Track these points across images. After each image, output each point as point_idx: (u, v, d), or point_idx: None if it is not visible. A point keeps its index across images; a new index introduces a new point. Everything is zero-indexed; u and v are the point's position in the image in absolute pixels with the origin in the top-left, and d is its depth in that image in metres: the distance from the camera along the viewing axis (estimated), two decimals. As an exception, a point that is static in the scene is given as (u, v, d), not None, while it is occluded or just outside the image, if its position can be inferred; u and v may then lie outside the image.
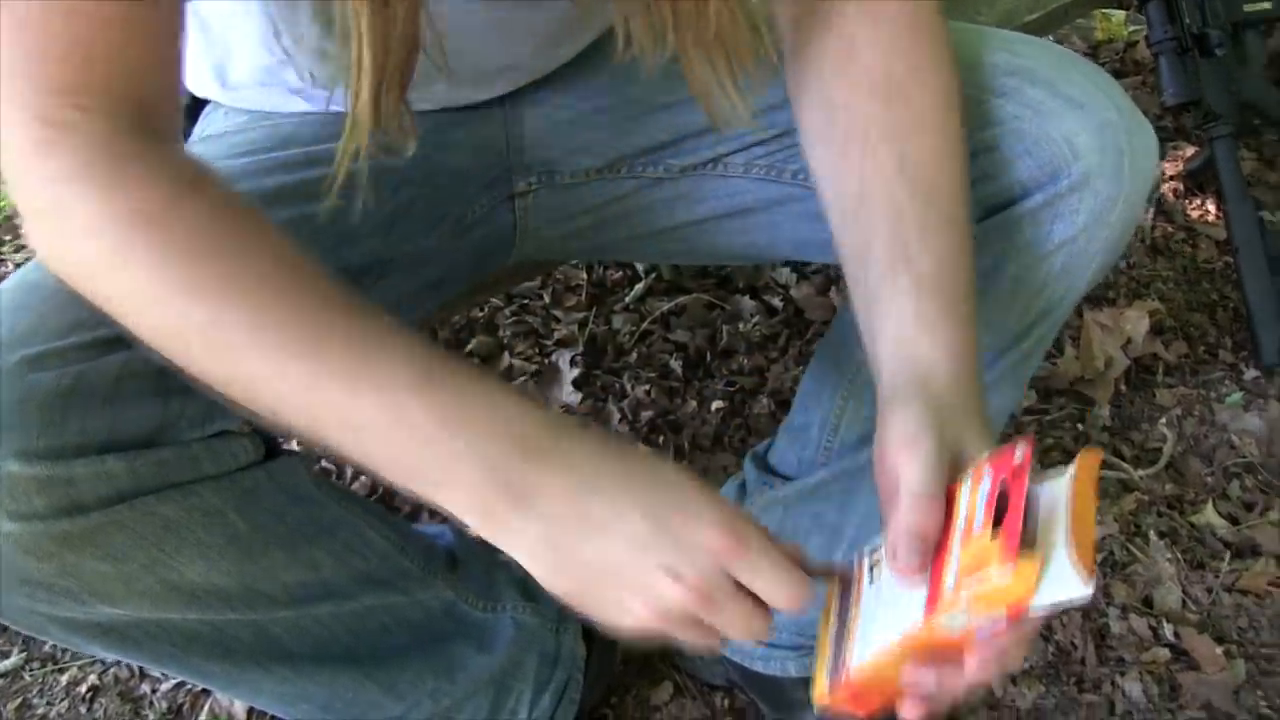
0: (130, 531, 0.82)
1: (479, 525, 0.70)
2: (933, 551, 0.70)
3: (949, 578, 0.66)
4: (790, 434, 1.26)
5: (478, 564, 1.21)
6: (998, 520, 0.65)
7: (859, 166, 0.89)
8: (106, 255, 0.71)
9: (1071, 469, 0.67)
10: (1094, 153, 0.98)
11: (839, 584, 0.79)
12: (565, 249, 1.31)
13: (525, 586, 1.33)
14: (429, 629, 1.15)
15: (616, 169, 1.14)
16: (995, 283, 1.03)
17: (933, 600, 0.67)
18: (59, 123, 0.70)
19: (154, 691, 1.63)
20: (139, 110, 0.73)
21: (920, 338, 0.81)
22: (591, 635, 1.45)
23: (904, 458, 0.73)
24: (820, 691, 0.75)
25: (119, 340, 0.77)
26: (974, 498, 0.68)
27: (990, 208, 1.01)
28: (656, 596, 0.69)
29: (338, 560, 1.00)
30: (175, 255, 0.71)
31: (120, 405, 0.79)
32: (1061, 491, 0.66)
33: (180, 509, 0.84)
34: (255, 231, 0.75)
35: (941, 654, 0.69)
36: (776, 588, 0.71)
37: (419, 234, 1.06)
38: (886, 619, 0.71)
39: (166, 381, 0.78)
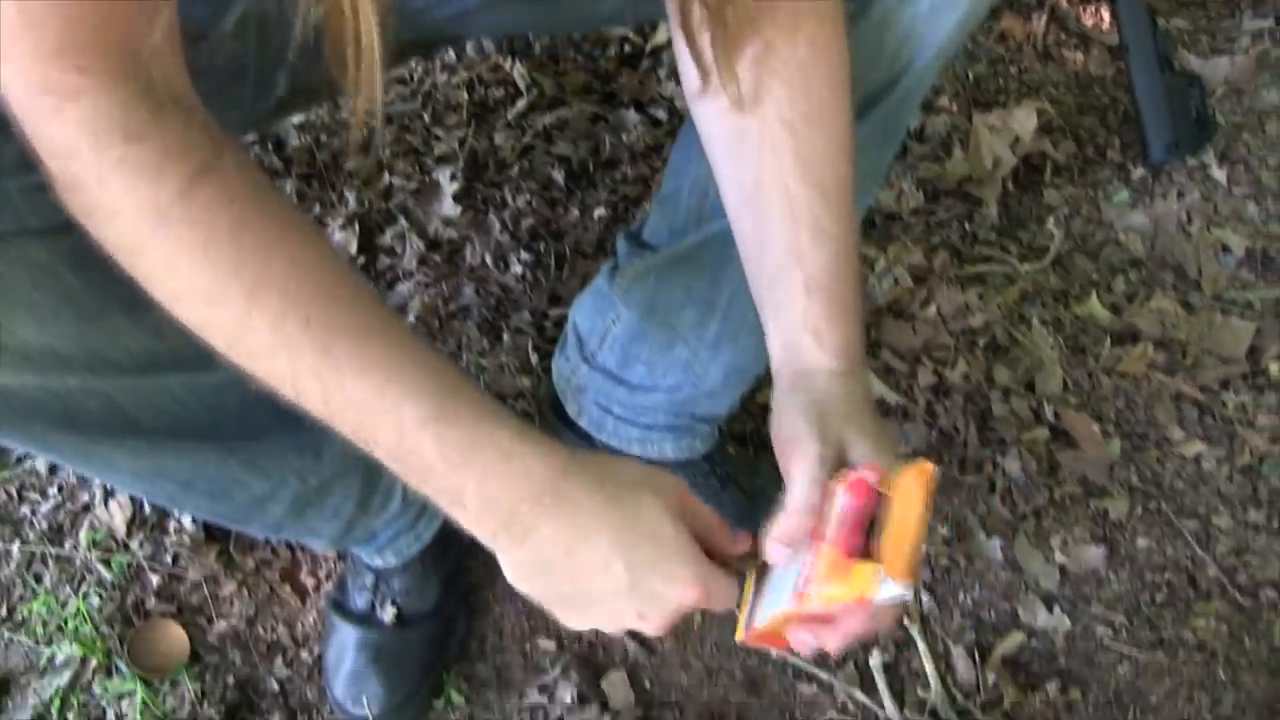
0: None
1: (475, 536, 0.74)
2: (801, 547, 0.80)
3: (806, 581, 0.79)
4: (661, 204, 1.22)
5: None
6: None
7: (757, 152, 0.88)
8: (122, 242, 0.67)
9: (896, 485, 0.78)
10: None
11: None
12: (433, 25, 1.25)
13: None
14: (293, 405, 1.11)
15: None
16: (862, 27, 0.99)
17: (799, 592, 0.79)
18: (61, 90, 0.63)
19: (33, 513, 1.59)
20: (142, 66, 0.65)
21: (806, 340, 0.86)
22: (469, 428, 1.43)
23: (791, 463, 0.81)
24: (739, 633, 0.88)
25: None
26: (835, 505, 0.78)
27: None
28: (620, 625, 0.78)
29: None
30: (190, 257, 0.66)
31: None
32: (891, 508, 0.78)
33: (3, 262, 0.79)
34: (273, 222, 0.69)
35: (819, 619, 0.81)
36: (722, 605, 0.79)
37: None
38: (777, 593, 0.83)
39: None
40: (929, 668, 1.36)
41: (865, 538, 0.78)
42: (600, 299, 1.30)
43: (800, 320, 0.86)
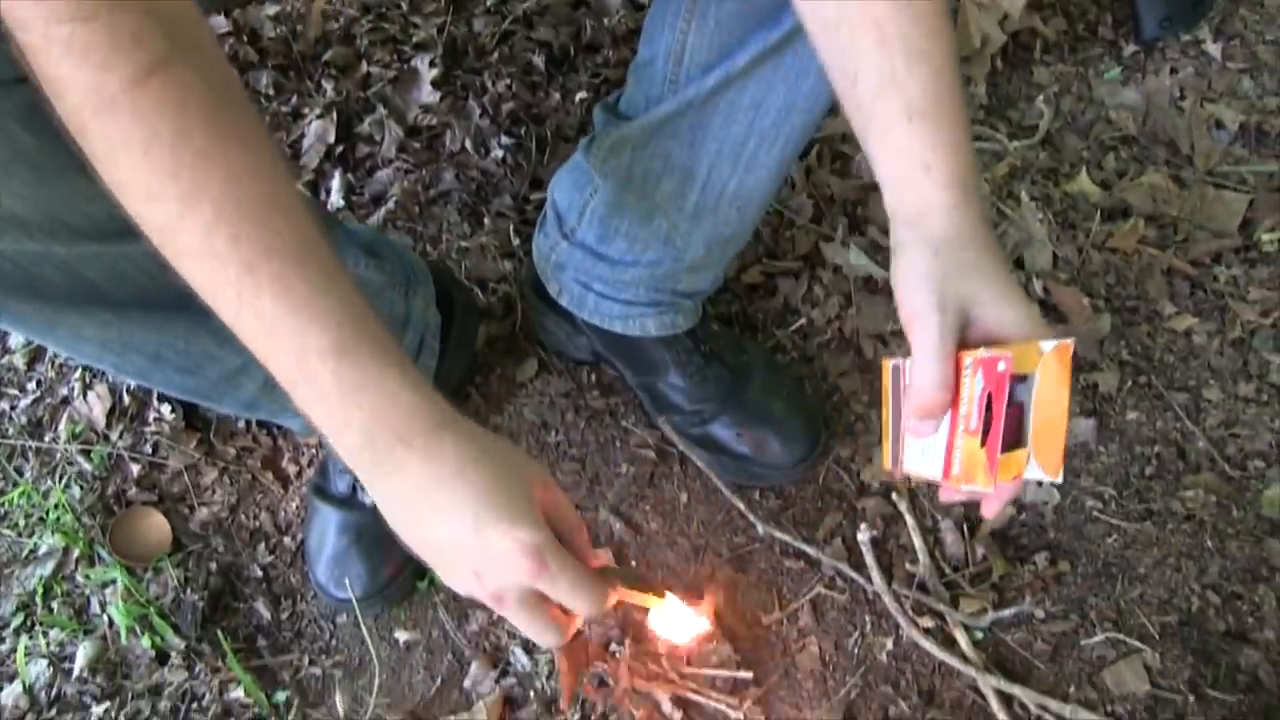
0: None
1: (350, 467, 0.77)
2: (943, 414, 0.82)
3: (950, 464, 0.81)
4: (637, 73, 1.18)
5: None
6: (988, 418, 0.78)
7: None
8: (70, 122, 0.65)
9: (1039, 368, 0.78)
10: None
11: (890, 371, 0.89)
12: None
13: (369, 244, 1.27)
14: None
15: None
16: None
17: (946, 470, 0.82)
18: None
19: (12, 408, 1.58)
20: None
21: (915, 172, 0.81)
22: (451, 306, 1.41)
23: (914, 335, 0.80)
24: (886, 466, 0.91)
25: None
26: (972, 388, 0.78)
27: None
28: (463, 585, 0.79)
29: (150, 195, 0.93)
30: (130, 153, 0.65)
31: None
32: (1032, 394, 0.78)
33: None
34: (219, 132, 0.67)
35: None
36: (572, 599, 0.79)
37: None
38: (922, 455, 0.85)
39: None
40: (917, 542, 1.35)
41: (1007, 411, 0.78)
42: (578, 173, 1.27)
43: (906, 151, 0.81)
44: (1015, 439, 0.80)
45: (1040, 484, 1.39)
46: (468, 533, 0.75)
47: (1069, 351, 0.78)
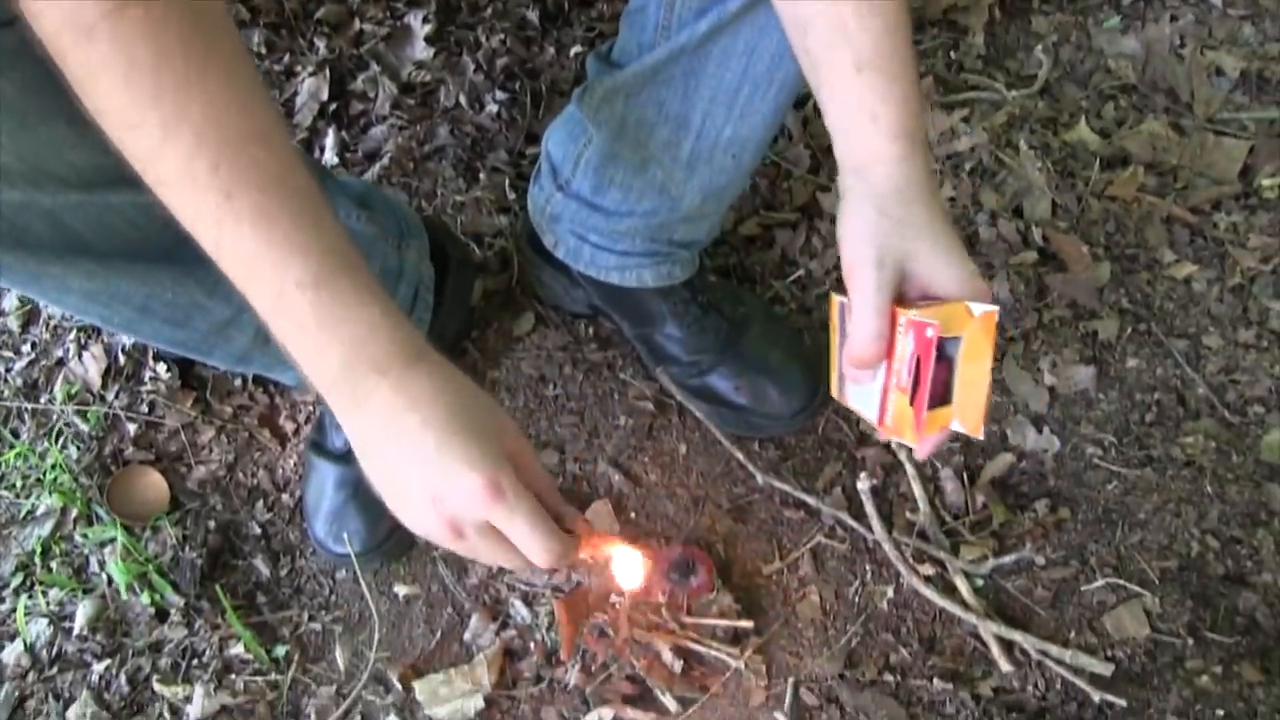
0: None
1: (322, 398, 0.76)
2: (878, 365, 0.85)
3: (888, 414, 0.85)
4: (629, 19, 1.17)
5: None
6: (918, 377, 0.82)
7: None
8: (50, 46, 0.64)
9: (966, 330, 0.81)
10: None
11: (837, 307, 0.90)
12: None
13: (360, 196, 1.26)
14: None
15: None
16: None
17: (880, 418, 0.86)
18: None
19: (7, 370, 1.58)
20: None
21: (863, 123, 0.82)
22: (446, 261, 1.40)
23: (852, 288, 0.82)
24: (833, 393, 0.95)
25: None
26: (904, 347, 0.81)
27: None
28: (420, 511, 0.77)
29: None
30: (110, 78, 0.64)
31: None
32: (959, 354, 0.81)
33: None
34: (199, 59, 0.66)
35: None
36: (527, 541, 0.77)
37: None
38: (863, 396, 0.89)
39: None
40: (917, 491, 1.34)
41: (935, 367, 0.81)
42: (571, 124, 1.26)
43: (855, 103, 0.82)
44: (944, 396, 0.84)
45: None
46: (430, 451, 0.74)
47: (993, 320, 0.81)
